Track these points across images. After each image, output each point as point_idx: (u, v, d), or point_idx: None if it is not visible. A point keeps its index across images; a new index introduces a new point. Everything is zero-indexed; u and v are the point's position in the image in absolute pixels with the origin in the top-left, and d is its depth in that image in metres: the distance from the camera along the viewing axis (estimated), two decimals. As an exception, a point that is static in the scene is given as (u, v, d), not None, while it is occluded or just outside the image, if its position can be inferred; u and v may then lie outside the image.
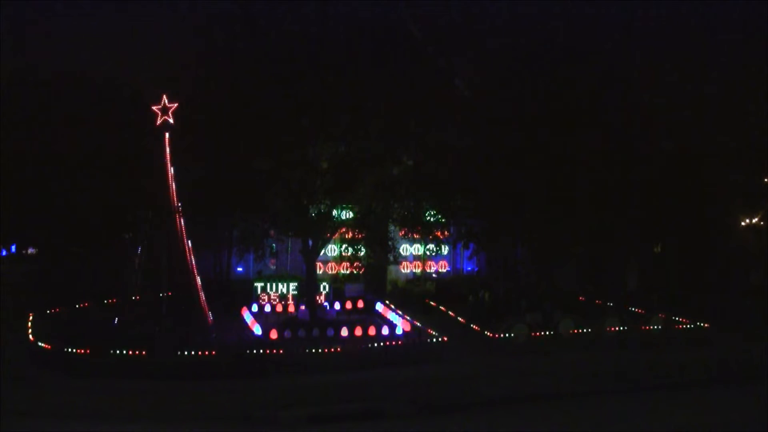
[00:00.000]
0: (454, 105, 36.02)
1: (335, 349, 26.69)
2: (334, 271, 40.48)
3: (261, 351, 26.17)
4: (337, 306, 35.31)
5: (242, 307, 34.17)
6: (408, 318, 32.19)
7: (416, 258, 42.23)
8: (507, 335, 30.00)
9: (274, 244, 36.76)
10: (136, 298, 34.61)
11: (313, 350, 26.53)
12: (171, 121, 29.00)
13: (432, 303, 36.76)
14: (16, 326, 29.72)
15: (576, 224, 35.64)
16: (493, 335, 30.00)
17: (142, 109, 36.56)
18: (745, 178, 42.00)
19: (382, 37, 33.35)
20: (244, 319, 32.61)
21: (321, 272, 39.04)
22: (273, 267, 38.16)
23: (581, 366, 27.45)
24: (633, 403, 22.42)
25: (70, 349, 25.40)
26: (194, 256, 38.42)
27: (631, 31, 41.54)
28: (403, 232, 35.60)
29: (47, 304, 32.97)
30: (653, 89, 38.61)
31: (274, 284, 35.34)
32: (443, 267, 43.15)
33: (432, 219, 35.62)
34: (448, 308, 35.01)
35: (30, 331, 28.19)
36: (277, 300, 35.07)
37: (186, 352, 25.15)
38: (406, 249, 41.09)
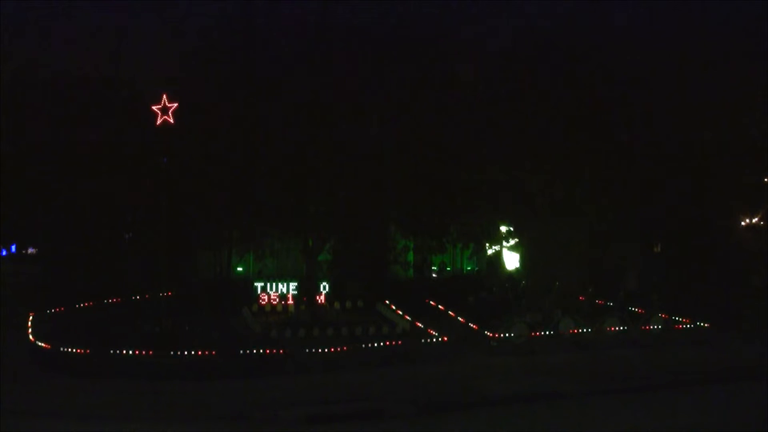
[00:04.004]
0: (454, 104, 36.06)
1: (335, 349, 26.68)
2: (334, 271, 40.43)
3: (261, 350, 26.16)
4: (337, 306, 35.29)
5: (242, 306, 34.15)
6: (408, 318, 32.19)
7: (416, 257, 42.19)
8: (507, 335, 29.99)
9: (274, 244, 36.78)
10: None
11: (313, 350, 26.52)
12: (171, 120, 28.91)
13: (432, 303, 36.75)
14: (17, 326, 29.72)
15: (576, 224, 35.67)
16: (493, 335, 29.99)
17: (141, 109, 36.62)
18: (746, 177, 41.96)
19: (381, 37, 33.44)
20: (244, 319, 32.61)
21: (321, 271, 38.98)
22: (271, 268, 38.17)
23: (581, 366, 27.48)
24: (633, 403, 22.39)
25: (70, 349, 25.42)
26: (194, 256, 38.53)
27: (632, 28, 41.50)
28: (403, 232, 35.59)
29: (47, 304, 32.96)
30: (654, 87, 38.60)
31: (274, 284, 35.32)
32: (443, 267, 43.14)
33: (433, 218, 35.63)
34: (448, 308, 34.99)
35: (30, 331, 28.17)
36: (277, 300, 35.06)
37: (185, 352, 25.17)
38: (406, 248, 41.06)
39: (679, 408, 21.72)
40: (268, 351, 26.19)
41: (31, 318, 30.09)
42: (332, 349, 26.67)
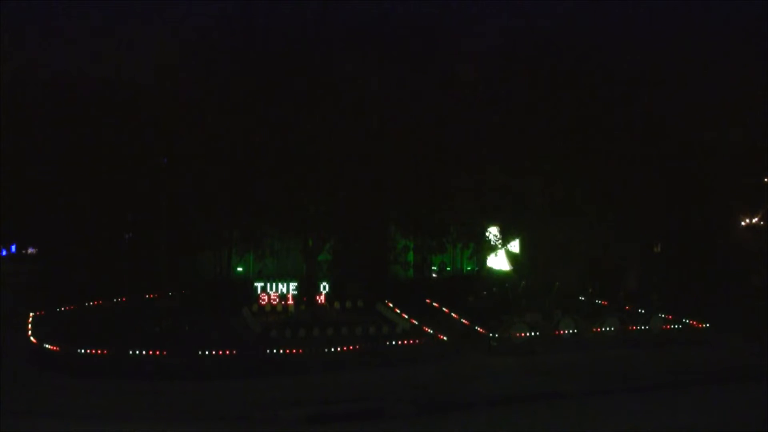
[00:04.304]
0: (454, 104, 36.10)
1: (335, 349, 26.68)
2: (334, 271, 40.42)
3: (260, 351, 26.14)
4: (337, 306, 35.29)
5: (242, 306, 34.13)
6: (408, 318, 32.18)
7: (416, 257, 42.18)
8: (507, 335, 29.98)
9: (274, 244, 36.78)
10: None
11: (313, 350, 26.52)
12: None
13: (432, 303, 36.74)
14: (16, 326, 29.71)
15: (576, 224, 35.68)
16: (493, 335, 29.97)
17: (141, 109, 36.61)
18: (746, 177, 41.99)
19: (382, 36, 33.44)
20: (244, 319, 32.60)
21: (321, 271, 38.97)
22: (271, 268, 38.17)
23: (581, 366, 27.48)
24: (633, 403, 22.42)
25: (69, 349, 25.41)
26: (194, 256, 38.53)
27: (631, 28, 41.55)
28: (403, 232, 35.58)
29: (47, 304, 32.96)
30: (654, 88, 38.62)
31: (274, 284, 35.31)
32: (443, 267, 43.13)
33: (433, 218, 35.64)
34: (448, 308, 34.99)
35: (30, 331, 28.16)
36: (277, 300, 35.05)
37: (185, 352, 25.16)
38: (406, 248, 41.06)
39: (679, 408, 21.73)
40: (267, 351, 26.16)
41: (30, 318, 30.08)
42: (332, 349, 26.66)
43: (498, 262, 42.57)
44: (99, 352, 24.98)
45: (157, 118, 35.18)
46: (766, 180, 42.74)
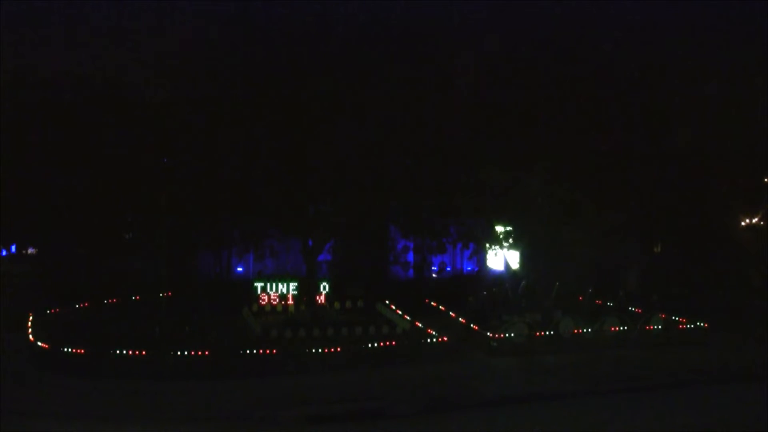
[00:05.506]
0: (454, 104, 36.11)
1: (335, 349, 26.69)
2: (334, 271, 40.49)
3: (261, 350, 26.17)
4: (337, 306, 35.31)
5: (242, 306, 34.15)
6: (408, 318, 32.19)
7: (416, 257, 42.25)
8: (507, 335, 30.00)
9: (274, 244, 36.81)
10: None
11: (313, 350, 26.54)
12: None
13: (432, 303, 36.76)
14: (16, 326, 29.73)
15: (576, 223, 35.70)
16: (493, 335, 29.99)
17: (141, 109, 36.62)
18: (746, 177, 42.02)
19: (382, 36, 33.45)
20: (244, 319, 32.61)
21: (321, 271, 39.04)
22: (271, 268, 38.20)
23: (581, 366, 27.49)
24: (633, 403, 22.44)
25: (69, 349, 25.42)
26: (194, 256, 38.60)
27: (631, 28, 41.55)
28: (403, 232, 35.58)
29: (47, 304, 32.97)
30: (654, 88, 38.66)
31: (274, 284, 35.32)
32: (443, 267, 43.18)
33: (433, 218, 35.65)
34: (448, 308, 35.00)
35: (30, 331, 28.17)
36: (277, 300, 35.07)
37: (185, 352, 25.17)
38: (406, 248, 41.11)
39: (679, 408, 21.77)
40: (267, 351, 26.18)
41: (30, 318, 30.09)
42: (332, 349, 26.66)
43: (498, 262, 42.61)
44: (98, 352, 24.96)
45: (157, 119, 35.22)
46: (766, 180, 42.76)
